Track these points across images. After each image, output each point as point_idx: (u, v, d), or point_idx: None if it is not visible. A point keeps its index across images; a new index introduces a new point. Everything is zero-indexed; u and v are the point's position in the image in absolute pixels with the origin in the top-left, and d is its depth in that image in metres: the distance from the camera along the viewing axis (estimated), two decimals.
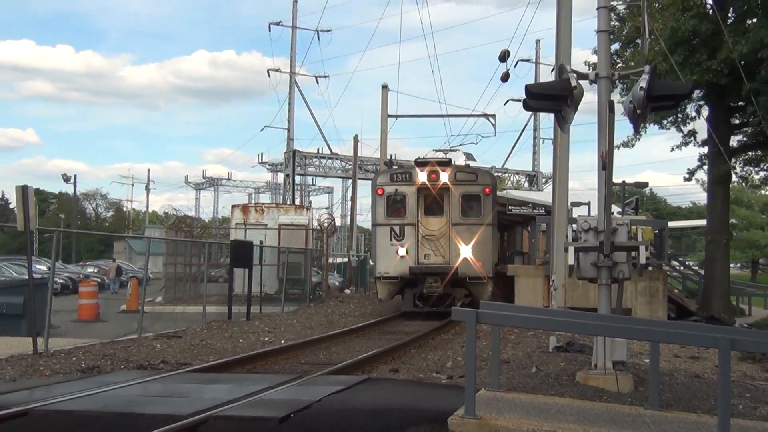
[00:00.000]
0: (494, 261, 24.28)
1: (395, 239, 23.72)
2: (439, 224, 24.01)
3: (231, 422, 7.98)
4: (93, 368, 12.62)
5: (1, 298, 18.69)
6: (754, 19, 22.94)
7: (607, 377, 10.66)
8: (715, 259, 25.43)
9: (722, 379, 7.73)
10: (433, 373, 12.67)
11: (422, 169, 23.97)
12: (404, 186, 24.01)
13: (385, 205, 24.18)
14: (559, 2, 15.67)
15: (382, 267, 24.01)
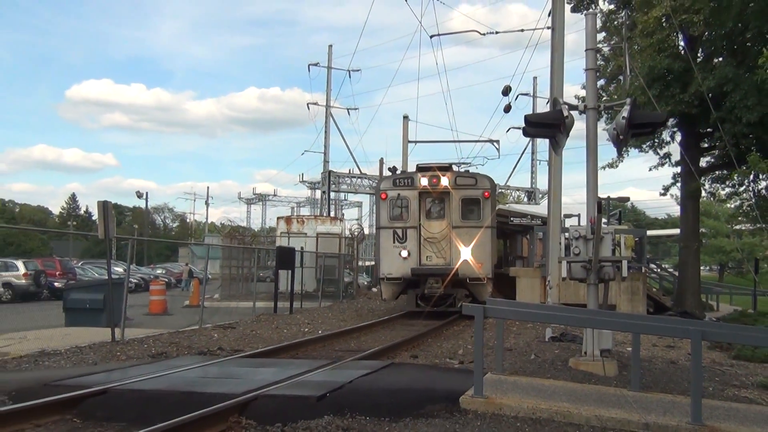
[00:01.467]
0: (494, 262, 21.97)
1: (398, 241, 21.58)
2: (440, 227, 21.75)
3: (277, 400, 7.99)
4: (161, 354, 12.69)
5: (86, 295, 18.85)
6: (720, 58, 22.91)
7: (595, 363, 10.62)
8: (687, 262, 25.31)
9: (694, 365, 7.69)
10: (446, 359, 12.63)
11: (424, 174, 21.78)
12: (407, 190, 21.77)
13: (389, 209, 22.00)
14: (553, 46, 15.71)
15: (386, 268, 21.81)
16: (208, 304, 21.90)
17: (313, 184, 65.09)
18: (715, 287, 40.22)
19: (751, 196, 25.16)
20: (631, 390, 9.03)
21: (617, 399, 8.45)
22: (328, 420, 7.37)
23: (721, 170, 26.11)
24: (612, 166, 27.31)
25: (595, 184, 11.12)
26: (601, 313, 10.15)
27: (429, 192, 21.73)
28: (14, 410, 7.42)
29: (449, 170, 22.14)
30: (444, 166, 22.30)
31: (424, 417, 7.60)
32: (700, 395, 7.50)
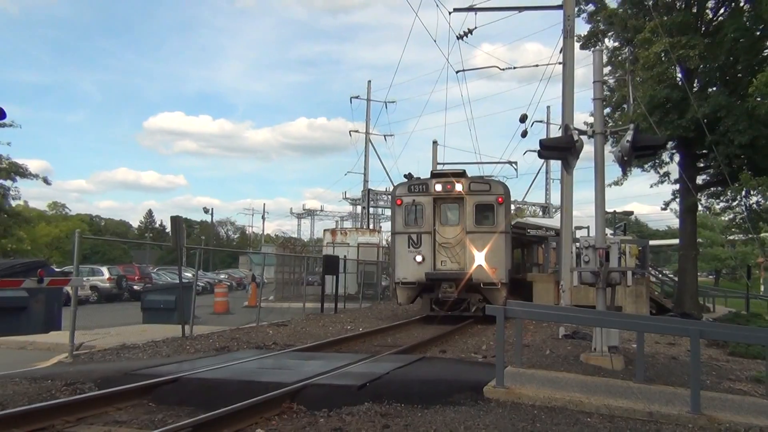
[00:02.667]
0: (508, 267, 19.45)
1: (413, 247, 19.46)
2: (455, 232, 19.56)
3: (323, 388, 7.99)
4: (224, 348, 12.78)
5: (161, 297, 19.09)
6: (714, 87, 22.57)
7: (604, 358, 10.47)
8: (686, 269, 24.83)
9: (693, 360, 7.53)
10: (471, 354, 12.52)
11: (438, 180, 19.75)
12: (421, 196, 19.63)
13: (404, 215, 19.85)
14: (564, 79, 15.60)
15: (401, 273, 19.63)
16: (264, 305, 22.05)
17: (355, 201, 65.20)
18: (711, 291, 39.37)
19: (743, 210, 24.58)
20: (636, 382, 8.88)
21: (624, 390, 8.30)
22: (368, 406, 7.36)
23: (715, 187, 25.61)
24: (617, 183, 26.80)
25: (603, 199, 10.99)
26: (609, 313, 10.03)
27: (443, 198, 19.72)
28: (100, 395, 7.54)
29: (463, 176, 20.14)
30: (458, 172, 20.50)
31: (452, 404, 7.55)
32: (699, 387, 7.34)
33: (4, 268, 16.43)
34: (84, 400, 7.28)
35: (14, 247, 50.26)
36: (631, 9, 23.42)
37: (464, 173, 20.41)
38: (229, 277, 53.25)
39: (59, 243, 74.10)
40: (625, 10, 23.68)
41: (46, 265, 20.53)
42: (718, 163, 21.22)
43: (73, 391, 7.97)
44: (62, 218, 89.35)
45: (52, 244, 74.51)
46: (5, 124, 29.44)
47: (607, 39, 25.14)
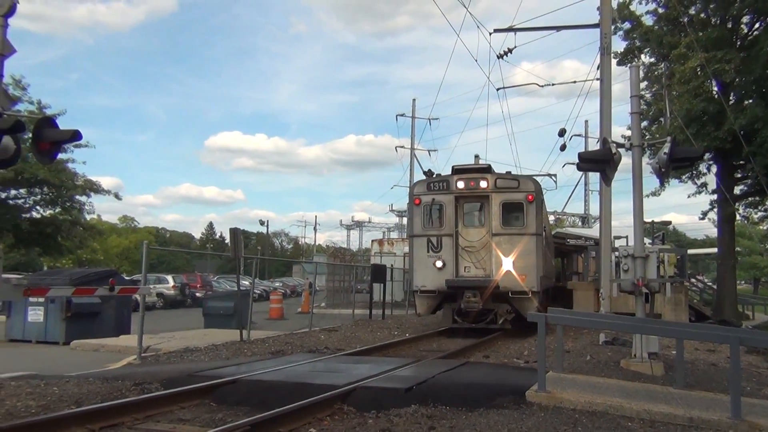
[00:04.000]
0: (540, 274, 16.29)
1: (432, 251, 16.59)
2: (479, 235, 16.58)
3: (371, 391, 7.97)
4: (279, 351, 12.88)
5: (220, 303, 19.39)
6: (750, 100, 21.95)
7: (644, 364, 10.18)
8: (725, 277, 24.11)
9: (733, 367, 7.27)
10: (514, 359, 12.35)
11: (460, 176, 16.71)
12: (441, 195, 16.70)
13: (422, 216, 16.94)
14: (601, 94, 15.36)
15: (419, 280, 16.76)
16: (316, 311, 22.21)
17: (401, 213, 65.15)
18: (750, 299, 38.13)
19: None
20: (676, 388, 8.60)
21: (664, 395, 8.05)
22: (415, 408, 7.31)
23: (753, 197, 24.86)
24: (655, 194, 26.35)
25: (641, 210, 10.74)
26: (649, 320, 9.78)
27: (466, 196, 16.75)
28: (165, 395, 7.69)
29: (488, 172, 16.93)
30: (482, 168, 17.31)
31: (496, 407, 7.44)
32: (739, 393, 7.07)
33: (79, 277, 16.97)
34: (151, 399, 7.43)
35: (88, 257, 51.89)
36: (667, 26, 23.02)
37: (489, 168, 17.16)
38: (283, 285, 53.76)
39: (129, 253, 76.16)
40: (660, 27, 23.29)
41: (116, 274, 21.13)
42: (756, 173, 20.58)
43: (141, 390, 8.14)
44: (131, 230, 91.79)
45: (122, 254, 76.66)
46: (81, 145, 30.38)
47: (644, 55, 24.77)
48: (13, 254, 36.13)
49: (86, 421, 6.41)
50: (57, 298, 15.12)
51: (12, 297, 12.44)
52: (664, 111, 18.97)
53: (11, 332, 16.32)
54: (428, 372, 9.25)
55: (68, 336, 15.49)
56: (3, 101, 9.19)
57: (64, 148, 26.07)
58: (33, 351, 14.59)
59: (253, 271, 18.54)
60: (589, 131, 49.04)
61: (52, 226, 31.80)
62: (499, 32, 18.33)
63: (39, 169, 28.28)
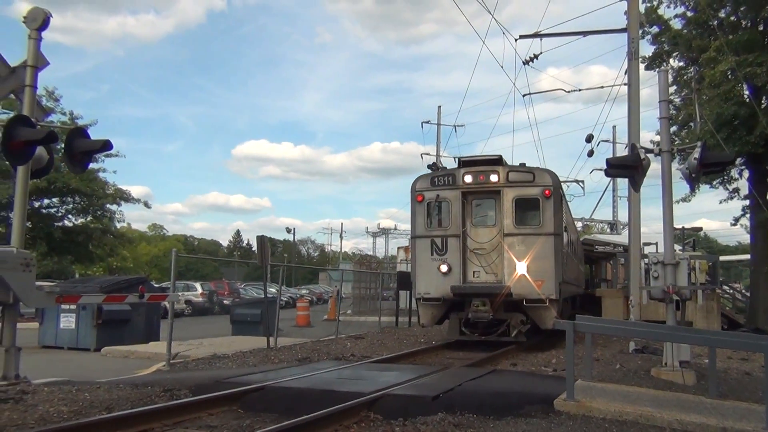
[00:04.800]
0: (560, 280, 14.41)
1: (437, 254, 14.93)
2: (489, 235, 14.79)
3: (398, 399, 7.94)
4: (305, 358, 12.91)
5: (248, 310, 19.56)
6: None
7: (675, 373, 10.00)
8: (758, 284, 23.54)
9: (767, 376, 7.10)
10: (542, 367, 12.21)
11: (468, 169, 14.91)
12: (447, 191, 15.01)
13: (425, 214, 15.21)
14: (629, 99, 15.22)
15: (422, 286, 15.07)
16: (343, 318, 22.25)
17: None
18: None
19: None
20: (708, 397, 8.42)
21: (696, 405, 7.90)
22: (441, 417, 7.26)
23: None
24: (685, 200, 25.89)
25: (671, 216, 10.59)
26: (680, 328, 9.62)
27: (474, 191, 15.03)
28: (194, 401, 7.75)
29: (499, 164, 15.04)
30: (492, 159, 15.24)
31: (524, 416, 7.36)
32: None
33: (110, 285, 17.25)
34: (180, 406, 7.50)
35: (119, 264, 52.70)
36: (696, 29, 22.69)
37: (501, 160, 15.20)
38: (310, 292, 54.00)
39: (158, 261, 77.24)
40: (689, 30, 22.96)
41: (146, 281, 21.44)
42: None
43: (170, 396, 8.22)
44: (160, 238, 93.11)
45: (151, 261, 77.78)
46: (112, 154, 30.97)
47: (672, 59, 24.42)
48: (46, 262, 36.84)
49: (116, 426, 6.49)
50: (88, 305, 15.38)
51: (45, 304, 12.68)
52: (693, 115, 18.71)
53: (44, 339, 16.64)
54: (455, 380, 9.19)
55: (99, 342, 15.75)
56: (37, 112, 9.42)
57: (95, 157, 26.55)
58: (65, 357, 14.86)
59: (280, 279, 18.59)
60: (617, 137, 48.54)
61: (83, 234, 32.41)
62: (525, 38, 18.32)
63: (71, 179, 28.86)
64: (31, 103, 9.16)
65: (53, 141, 9.31)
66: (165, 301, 15.34)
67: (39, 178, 12.04)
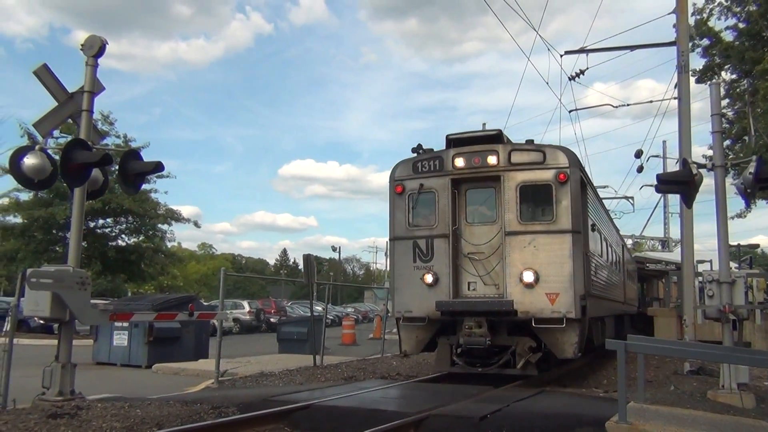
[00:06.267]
0: (582, 292, 10.96)
1: (420, 259, 11.69)
2: (488, 234, 11.49)
3: (445, 419, 7.85)
4: (351, 377, 12.91)
5: (294, 329, 19.67)
6: None
7: (733, 395, 9.61)
8: None
9: None
10: (593, 388, 11.90)
11: (459, 151, 11.68)
12: (433, 178, 11.80)
13: (406, 209, 12.02)
14: (680, 113, 14.86)
15: (402, 303, 11.83)
16: (388, 337, 22.17)
17: None
18: None
19: None
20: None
21: (756, 429, 7.57)
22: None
23: None
24: (741, 216, 25.09)
25: (726, 233, 10.25)
26: (738, 349, 9.25)
27: (468, 178, 11.75)
28: (241, 419, 7.83)
29: (499, 141, 11.69)
30: (490, 135, 11.90)
31: None
32: None
33: (161, 303, 17.63)
34: (228, 423, 7.58)
35: (169, 283, 53.82)
36: (749, 41, 22.08)
37: (500, 135, 11.81)
38: (355, 310, 54.07)
39: (207, 279, 78.68)
40: (742, 42, 22.37)
41: (195, 299, 21.82)
42: None
43: (218, 414, 8.31)
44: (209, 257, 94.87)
45: (200, 280, 79.24)
46: (163, 176, 31.74)
47: (724, 72, 23.80)
48: (100, 281, 37.87)
49: None
50: (140, 323, 15.72)
51: (99, 322, 13.04)
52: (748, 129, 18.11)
53: (98, 355, 17.08)
54: (503, 400, 9.04)
55: (150, 359, 16.07)
56: (93, 136, 9.75)
57: (147, 179, 27.30)
58: (118, 374, 15.20)
59: (326, 297, 18.69)
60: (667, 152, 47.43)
61: (135, 253, 33.24)
62: (571, 54, 18.08)
63: (124, 200, 29.69)
64: (88, 127, 9.49)
65: (108, 163, 9.64)
66: (214, 319, 15.57)
67: (94, 199, 12.46)
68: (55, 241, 30.21)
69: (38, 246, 29.78)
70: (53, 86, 9.54)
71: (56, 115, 9.64)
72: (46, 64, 9.54)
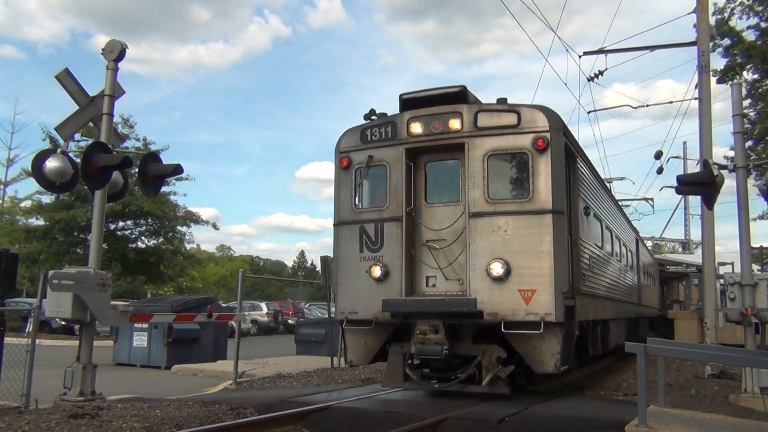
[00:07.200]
0: (564, 289, 8.72)
1: (368, 248, 9.56)
2: (451, 217, 9.32)
3: (462, 421, 7.82)
4: (369, 379, 12.89)
5: (312, 330, 19.73)
6: None
7: (755, 399, 9.49)
8: None
9: None
10: (611, 392, 11.80)
11: (415, 114, 9.58)
12: (384, 149, 9.68)
13: (353, 187, 9.92)
14: (700, 114, 14.71)
15: (347, 301, 9.71)
16: None
17: None
18: None
19: None
20: None
21: None
22: None
23: None
24: (763, 218, 24.81)
25: (748, 234, 10.14)
26: (760, 353, 9.14)
27: (427, 147, 9.58)
28: (260, 420, 7.87)
29: (462, 99, 9.47)
30: (452, 93, 9.49)
31: None
32: None
33: (180, 304, 17.78)
34: (246, 424, 7.63)
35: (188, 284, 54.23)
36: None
37: (464, 93, 9.49)
38: None
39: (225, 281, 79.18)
40: (764, 41, 22.07)
41: (214, 301, 21.98)
42: None
43: (236, 415, 8.37)
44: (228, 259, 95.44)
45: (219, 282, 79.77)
46: (182, 178, 32.05)
47: (746, 72, 23.51)
48: (120, 282, 38.27)
49: None
50: (159, 324, 15.87)
51: (119, 323, 13.18)
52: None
53: (118, 356, 17.27)
54: (520, 403, 8.98)
55: (169, 360, 16.21)
56: (113, 139, 9.88)
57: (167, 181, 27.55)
58: (137, 374, 15.36)
59: None
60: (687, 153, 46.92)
61: (155, 255, 33.55)
62: (589, 54, 17.98)
63: (144, 202, 29.99)
64: (108, 130, 9.62)
65: (128, 166, 9.77)
66: (232, 320, 15.66)
67: (115, 201, 12.59)
68: (77, 243, 30.61)
69: (60, 248, 30.21)
70: (75, 90, 9.69)
71: (77, 119, 9.78)
72: (68, 68, 9.71)
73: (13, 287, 9.69)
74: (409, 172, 9.55)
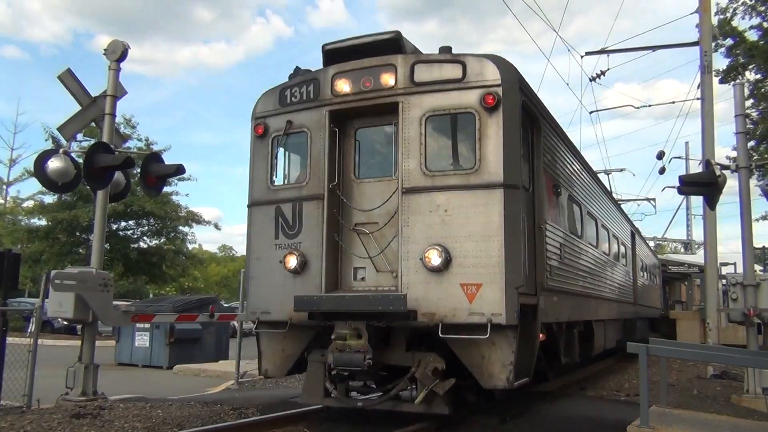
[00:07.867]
0: (520, 283, 6.67)
1: (285, 234, 7.67)
2: (384, 194, 7.37)
3: (466, 421, 7.82)
4: None
5: None
6: None
7: (757, 400, 9.50)
8: None
9: None
10: (613, 392, 11.79)
11: (341, 69, 7.60)
12: (305, 111, 7.74)
13: (269, 159, 8.01)
14: (703, 114, 14.73)
15: (259, 298, 7.83)
16: None
17: None
18: None
19: None
20: None
21: None
22: None
23: None
24: (766, 218, 24.78)
25: (750, 235, 10.15)
26: (763, 353, 9.14)
27: (355, 109, 7.67)
28: (261, 420, 7.87)
29: (396, 49, 7.56)
30: (383, 40, 7.58)
31: None
32: None
33: (182, 304, 17.80)
34: (248, 424, 7.63)
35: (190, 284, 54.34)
36: None
37: (398, 40, 7.63)
38: None
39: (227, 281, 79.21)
40: (767, 41, 22.06)
41: (216, 301, 22.01)
42: None
43: (238, 415, 8.38)
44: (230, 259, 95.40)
45: (221, 282, 79.82)
46: (184, 178, 32.11)
47: (748, 72, 23.50)
48: (122, 282, 38.34)
49: None
50: (161, 324, 15.89)
51: (121, 323, 13.19)
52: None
53: (120, 356, 17.28)
54: (525, 404, 8.99)
55: (171, 360, 16.23)
56: (115, 139, 9.90)
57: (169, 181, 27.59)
58: (139, 374, 15.38)
59: None
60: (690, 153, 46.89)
61: (157, 255, 33.60)
62: (591, 55, 18.01)
63: (146, 202, 30.05)
64: (111, 130, 9.63)
65: (130, 166, 9.78)
66: (234, 320, 15.67)
67: (117, 201, 12.62)
68: (79, 243, 30.67)
69: (62, 248, 30.27)
70: (77, 90, 9.71)
71: (80, 119, 9.81)
72: (70, 68, 9.73)
73: (15, 287, 9.71)
74: (333, 139, 7.67)
